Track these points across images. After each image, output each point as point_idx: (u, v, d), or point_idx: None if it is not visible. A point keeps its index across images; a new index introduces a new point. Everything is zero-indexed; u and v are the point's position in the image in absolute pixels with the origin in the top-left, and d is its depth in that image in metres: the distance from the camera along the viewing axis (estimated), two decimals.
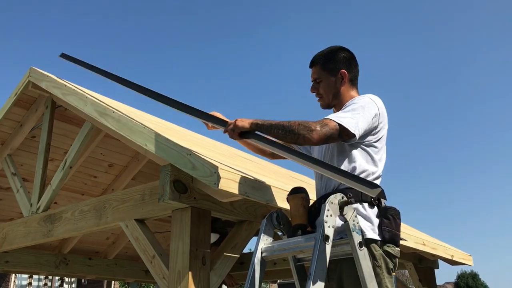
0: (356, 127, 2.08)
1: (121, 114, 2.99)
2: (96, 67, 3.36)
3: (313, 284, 1.75)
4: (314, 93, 2.41)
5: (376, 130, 2.19)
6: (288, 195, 2.16)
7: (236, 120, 2.22)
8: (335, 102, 2.36)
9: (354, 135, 2.08)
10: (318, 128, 2.03)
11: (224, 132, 2.29)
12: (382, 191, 1.72)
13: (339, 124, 2.06)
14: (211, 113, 2.52)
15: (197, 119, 2.53)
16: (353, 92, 2.36)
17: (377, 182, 2.18)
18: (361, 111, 2.12)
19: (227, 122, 2.31)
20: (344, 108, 2.20)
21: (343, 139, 2.12)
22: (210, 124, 2.50)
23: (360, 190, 1.81)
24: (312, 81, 2.40)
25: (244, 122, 2.19)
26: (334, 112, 2.39)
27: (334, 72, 2.33)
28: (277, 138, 2.16)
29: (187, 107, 2.55)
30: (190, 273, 2.51)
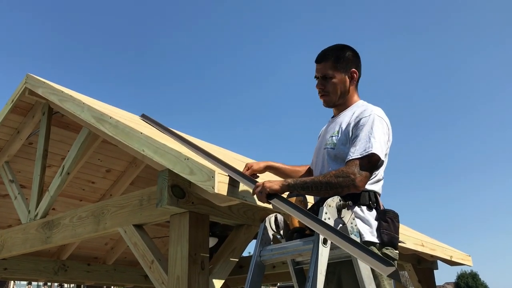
0: (382, 152, 2.08)
1: (118, 119, 2.99)
2: (173, 131, 3.47)
3: (312, 287, 1.75)
4: (319, 90, 2.32)
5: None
6: (286, 198, 2.16)
7: (264, 182, 2.11)
8: (340, 102, 2.31)
9: (381, 159, 2.09)
10: (358, 175, 1.99)
11: (252, 194, 2.20)
12: (396, 271, 1.63)
13: (371, 155, 2.04)
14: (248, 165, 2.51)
15: (231, 175, 2.42)
16: (356, 95, 2.34)
17: (380, 185, 2.19)
18: (377, 134, 2.09)
19: (256, 181, 2.21)
20: (358, 131, 2.12)
21: (376, 165, 2.10)
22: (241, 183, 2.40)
23: (374, 268, 1.69)
24: (318, 77, 2.32)
25: (273, 184, 2.08)
26: (334, 112, 2.38)
27: (346, 70, 2.28)
28: (317, 195, 2.12)
29: (225, 164, 2.53)
30: (189, 278, 2.51)
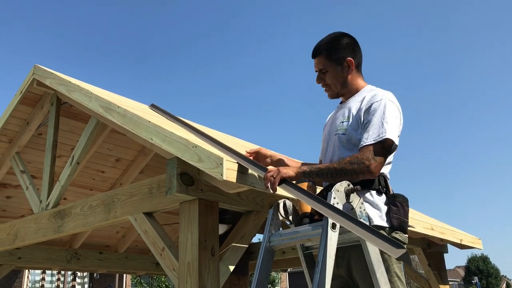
0: (395, 137, 2.08)
1: (125, 109, 3.00)
2: (182, 120, 3.48)
3: (322, 271, 1.76)
4: (320, 84, 2.35)
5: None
6: (294, 183, 2.16)
7: (279, 168, 2.08)
8: (344, 91, 2.32)
9: (395, 143, 2.09)
10: (372, 161, 1.99)
11: (264, 178, 2.13)
12: (407, 253, 1.63)
13: (385, 140, 2.03)
14: (258, 148, 2.50)
15: (240, 162, 2.41)
16: (360, 80, 2.33)
17: (389, 167, 2.19)
18: (389, 119, 2.09)
19: (266, 168, 2.19)
20: (370, 116, 2.11)
21: (389, 150, 2.10)
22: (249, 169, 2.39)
23: (384, 250, 1.69)
24: (317, 72, 2.34)
25: (288, 170, 2.06)
26: (343, 101, 2.37)
27: (340, 61, 2.28)
28: (331, 181, 2.10)
29: (234, 151, 2.51)
30: (199, 264, 2.54)
